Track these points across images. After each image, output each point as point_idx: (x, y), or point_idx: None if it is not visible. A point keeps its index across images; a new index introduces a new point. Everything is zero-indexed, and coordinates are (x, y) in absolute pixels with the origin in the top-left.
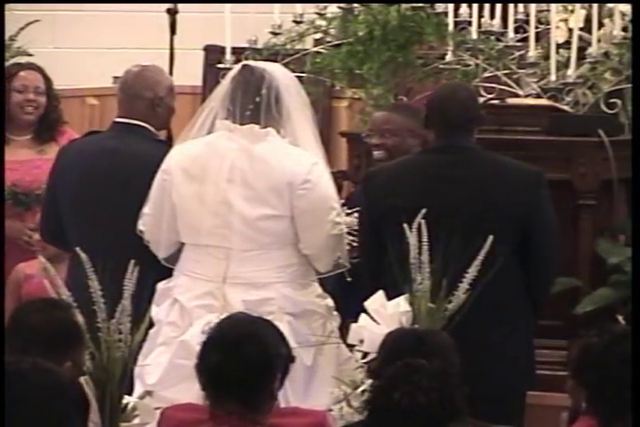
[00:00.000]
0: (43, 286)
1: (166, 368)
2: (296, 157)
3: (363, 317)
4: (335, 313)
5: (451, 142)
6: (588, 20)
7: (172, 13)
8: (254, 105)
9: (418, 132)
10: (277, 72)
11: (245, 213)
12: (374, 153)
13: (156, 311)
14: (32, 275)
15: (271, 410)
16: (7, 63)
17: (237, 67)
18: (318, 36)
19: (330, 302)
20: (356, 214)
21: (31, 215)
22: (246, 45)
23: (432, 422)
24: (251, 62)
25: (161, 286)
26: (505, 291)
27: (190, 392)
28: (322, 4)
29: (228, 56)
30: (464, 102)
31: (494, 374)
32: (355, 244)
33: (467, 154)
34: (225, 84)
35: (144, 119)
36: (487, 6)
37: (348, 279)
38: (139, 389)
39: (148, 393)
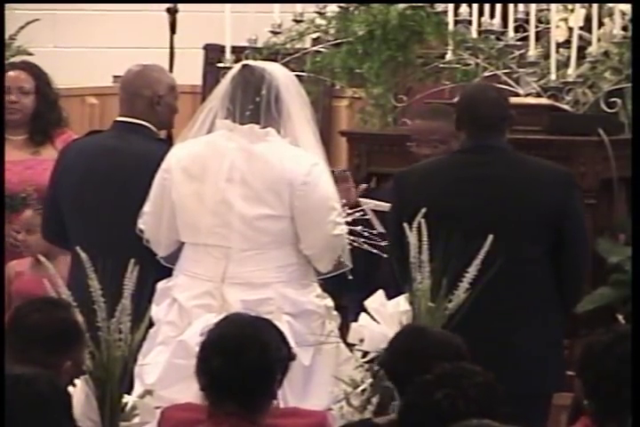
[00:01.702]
0: (34, 282)
1: (165, 368)
2: (296, 158)
3: (363, 316)
4: (335, 313)
5: (481, 142)
6: (587, 19)
7: (172, 12)
8: (254, 105)
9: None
10: (277, 72)
11: (244, 213)
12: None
13: (155, 311)
14: (22, 272)
15: (269, 409)
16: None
17: (237, 66)
18: (318, 35)
19: (329, 301)
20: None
21: (15, 217)
22: (246, 44)
23: None
24: (251, 62)
25: (160, 285)
26: (535, 291)
27: (189, 392)
28: (322, 4)
29: (228, 55)
30: (494, 102)
31: (517, 374)
32: (356, 244)
33: (497, 154)
34: (225, 83)
35: (145, 118)
36: (487, 5)
37: (350, 277)
38: (138, 388)
39: (149, 392)
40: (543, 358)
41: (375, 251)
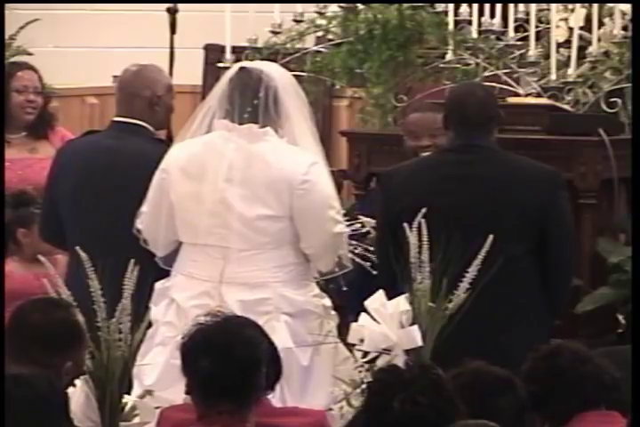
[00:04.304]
0: (27, 281)
1: (163, 369)
2: (294, 157)
3: (363, 316)
4: (333, 313)
5: (469, 141)
6: (588, 19)
7: (172, 12)
8: (252, 107)
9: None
10: (275, 73)
11: (243, 213)
12: (422, 154)
13: (153, 311)
14: (11, 271)
15: (258, 406)
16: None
17: (234, 68)
18: (318, 35)
19: (327, 301)
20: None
21: None
22: (246, 44)
23: (439, 419)
24: (247, 63)
25: (158, 285)
26: (519, 291)
27: None
28: (322, 4)
29: (228, 55)
30: (483, 101)
31: None
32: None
33: (484, 153)
34: (222, 84)
35: (142, 118)
36: (487, 5)
37: (344, 288)
38: (137, 389)
39: (149, 393)
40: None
41: (367, 264)
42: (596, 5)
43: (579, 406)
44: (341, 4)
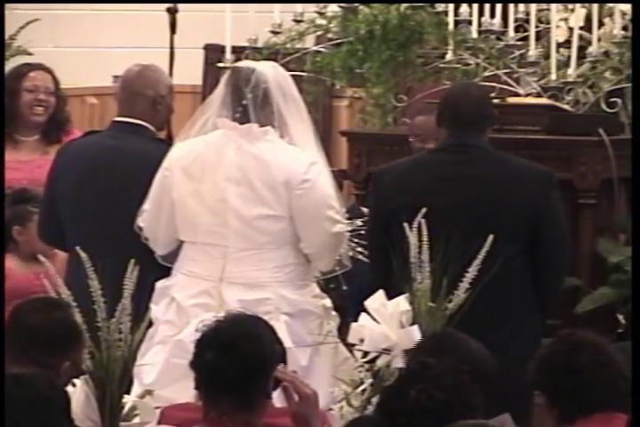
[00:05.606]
0: (29, 280)
1: (163, 367)
2: (294, 157)
3: (363, 316)
4: (334, 313)
5: (462, 141)
6: (588, 19)
7: (172, 12)
8: (242, 107)
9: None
10: (268, 73)
11: (243, 212)
12: None
13: (153, 310)
14: (11, 269)
15: (265, 410)
16: (10, 63)
17: (230, 69)
18: (318, 35)
19: (327, 302)
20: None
21: None
22: (246, 44)
23: (448, 419)
24: (243, 63)
25: (159, 284)
26: (512, 291)
27: (187, 391)
28: (322, 4)
29: (229, 55)
30: (477, 101)
31: (499, 374)
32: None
33: (477, 153)
34: (220, 86)
35: (144, 118)
36: (487, 5)
37: (344, 287)
38: (136, 388)
39: (149, 392)
40: (522, 357)
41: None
42: (595, 5)
43: (589, 407)
44: (341, 4)
